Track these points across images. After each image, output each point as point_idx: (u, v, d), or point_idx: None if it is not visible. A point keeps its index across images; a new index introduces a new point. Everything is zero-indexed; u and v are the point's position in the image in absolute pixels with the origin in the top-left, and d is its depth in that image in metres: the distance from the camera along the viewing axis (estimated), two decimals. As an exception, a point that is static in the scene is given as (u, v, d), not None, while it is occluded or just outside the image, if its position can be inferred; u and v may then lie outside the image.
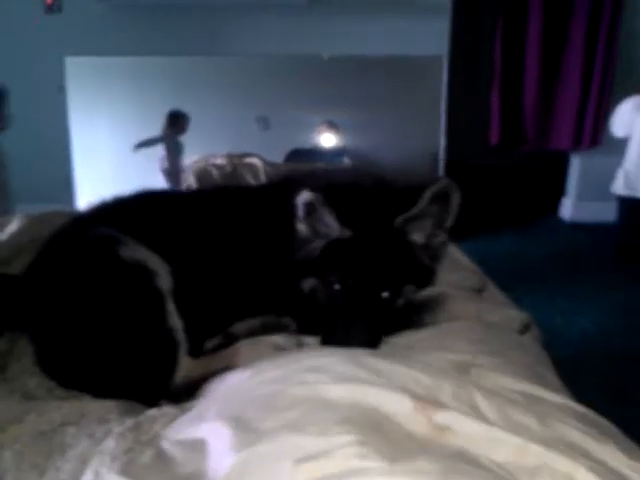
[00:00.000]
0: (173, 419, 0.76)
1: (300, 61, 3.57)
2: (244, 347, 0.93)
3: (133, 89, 3.62)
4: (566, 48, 3.74)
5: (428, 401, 0.64)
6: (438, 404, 0.64)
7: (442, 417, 0.62)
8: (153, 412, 0.80)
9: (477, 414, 0.63)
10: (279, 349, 0.91)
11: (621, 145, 3.32)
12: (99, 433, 0.75)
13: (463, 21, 4.08)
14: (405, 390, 0.64)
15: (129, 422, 0.76)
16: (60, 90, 3.49)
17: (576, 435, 0.61)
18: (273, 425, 0.61)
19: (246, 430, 0.61)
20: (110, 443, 0.71)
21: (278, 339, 0.93)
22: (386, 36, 3.33)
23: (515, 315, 1.09)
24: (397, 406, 0.63)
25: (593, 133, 3.75)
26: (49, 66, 3.50)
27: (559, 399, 0.70)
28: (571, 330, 2.46)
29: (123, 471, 0.64)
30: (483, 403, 0.64)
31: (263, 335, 0.96)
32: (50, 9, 3.52)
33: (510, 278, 2.99)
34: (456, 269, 1.37)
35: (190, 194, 1.26)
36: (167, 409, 0.81)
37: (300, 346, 0.92)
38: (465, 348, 0.86)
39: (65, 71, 3.49)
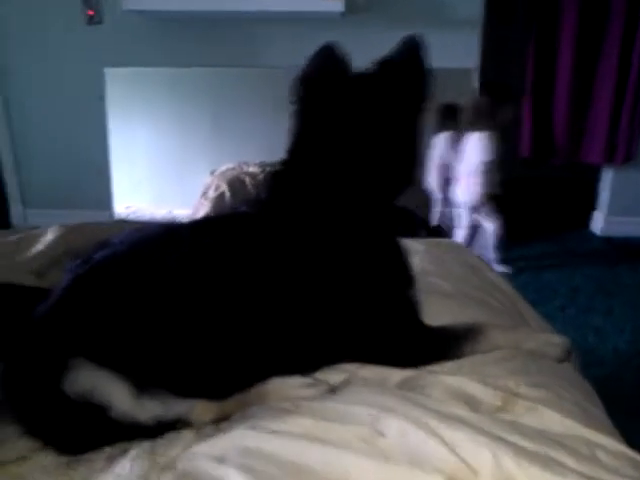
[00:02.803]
0: (191, 443, 0.75)
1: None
2: (273, 386, 0.87)
3: (169, 99, 3.70)
4: (599, 61, 3.69)
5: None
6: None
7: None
8: (170, 435, 0.79)
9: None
10: (310, 389, 0.86)
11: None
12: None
13: (494, 34, 4.06)
14: (438, 470, 0.62)
15: (145, 444, 0.75)
16: (100, 100, 3.58)
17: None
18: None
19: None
20: (126, 466, 0.70)
21: (307, 380, 0.89)
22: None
23: (554, 340, 1.06)
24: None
25: (627, 148, 3.69)
26: (89, 76, 3.60)
27: (613, 444, 0.69)
28: (605, 349, 2.44)
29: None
30: (523, 473, 0.62)
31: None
32: (91, 21, 3.62)
33: (540, 292, 3.00)
34: (489, 289, 1.38)
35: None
36: (185, 432, 0.79)
37: (332, 392, 0.86)
38: (507, 378, 0.86)
39: (105, 81, 3.59)
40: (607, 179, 3.93)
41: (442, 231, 3.47)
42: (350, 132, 0.99)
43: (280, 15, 3.41)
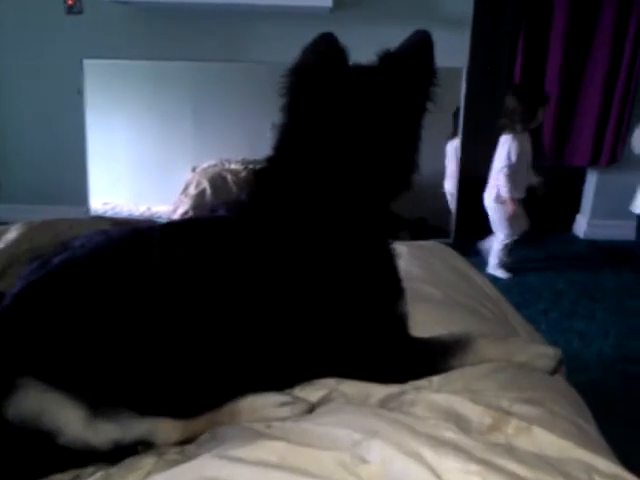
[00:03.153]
0: (151, 470, 0.70)
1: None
2: (245, 405, 0.81)
3: (150, 93, 3.61)
4: (587, 64, 3.69)
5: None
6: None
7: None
8: (130, 460, 0.73)
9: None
10: (286, 408, 0.80)
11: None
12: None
13: (483, 34, 4.05)
14: None
15: (100, 472, 0.70)
16: (79, 93, 3.48)
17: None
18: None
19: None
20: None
21: (283, 398, 0.82)
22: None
23: (546, 352, 1.01)
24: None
25: (612, 150, 3.69)
26: (68, 68, 3.49)
27: (608, 466, 0.65)
28: (589, 353, 2.42)
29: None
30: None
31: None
32: (71, 10, 3.51)
33: (524, 296, 2.98)
34: (477, 295, 1.33)
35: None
36: (145, 458, 0.73)
37: (310, 410, 0.81)
38: (498, 393, 0.82)
39: (83, 73, 3.49)
40: (591, 182, 3.93)
41: (424, 232, 3.43)
42: (345, 130, 0.91)
43: (267, 9, 3.34)
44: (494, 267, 3.28)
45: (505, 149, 3.08)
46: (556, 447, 0.68)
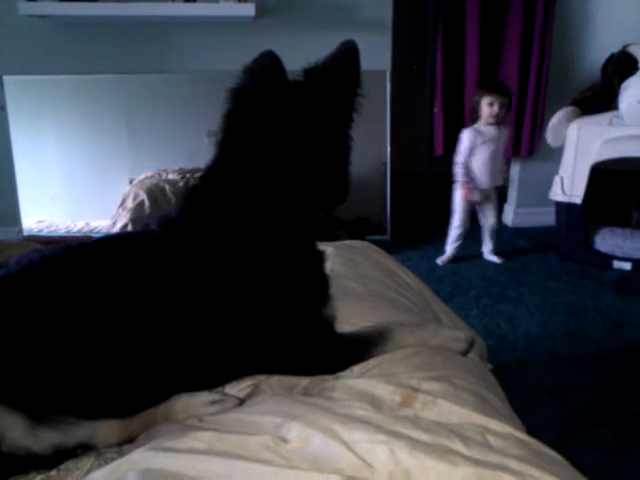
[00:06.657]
0: (88, 471, 0.74)
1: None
2: (177, 404, 0.87)
3: (79, 108, 3.55)
4: (502, 61, 3.92)
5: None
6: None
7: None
8: (67, 464, 0.77)
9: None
10: (217, 406, 0.86)
11: (557, 152, 3.50)
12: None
13: (405, 36, 4.20)
14: (337, 470, 0.64)
15: (38, 478, 0.74)
16: (2, 109, 3.39)
17: (515, 466, 0.65)
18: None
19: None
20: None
21: (213, 396, 0.89)
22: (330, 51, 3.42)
23: (458, 335, 1.11)
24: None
25: (530, 142, 3.94)
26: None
27: (501, 427, 0.74)
28: (516, 334, 2.59)
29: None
30: (418, 465, 0.65)
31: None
32: (-16, 26, 3.40)
33: (457, 284, 3.14)
34: (399, 288, 1.43)
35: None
36: (84, 459, 0.78)
37: (240, 403, 0.88)
38: (411, 374, 0.89)
39: (4, 90, 3.40)
40: (515, 173, 4.16)
41: (362, 231, 3.55)
42: (271, 145, 0.95)
43: (191, 19, 3.37)
44: (488, 254, 3.53)
45: (461, 141, 3.27)
46: (457, 415, 0.77)
